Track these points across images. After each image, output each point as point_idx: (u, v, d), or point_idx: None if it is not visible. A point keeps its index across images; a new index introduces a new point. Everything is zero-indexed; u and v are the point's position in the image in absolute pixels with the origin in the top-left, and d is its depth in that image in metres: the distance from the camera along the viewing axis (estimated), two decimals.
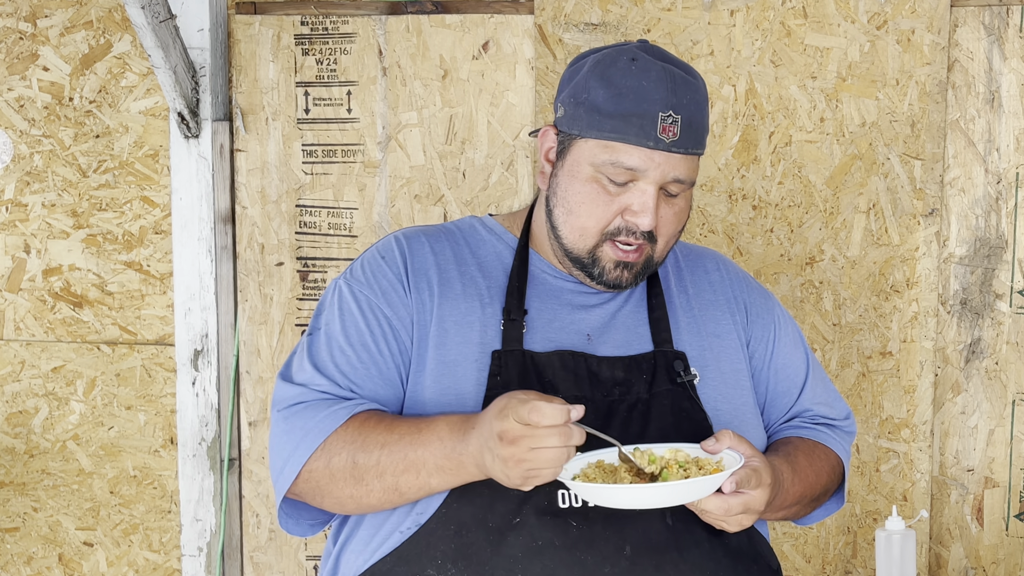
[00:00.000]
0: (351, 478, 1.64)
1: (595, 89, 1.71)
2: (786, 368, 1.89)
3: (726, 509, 1.57)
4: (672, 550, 1.65)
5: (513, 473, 1.51)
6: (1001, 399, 2.66)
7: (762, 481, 1.59)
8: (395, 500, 1.65)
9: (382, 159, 2.78)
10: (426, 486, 1.62)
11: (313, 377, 1.71)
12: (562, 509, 1.64)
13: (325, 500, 1.69)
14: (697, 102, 1.72)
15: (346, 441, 1.65)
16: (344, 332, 1.73)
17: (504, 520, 1.63)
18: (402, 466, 1.61)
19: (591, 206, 1.70)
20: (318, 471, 1.66)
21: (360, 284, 1.76)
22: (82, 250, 2.88)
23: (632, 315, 1.80)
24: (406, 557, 1.66)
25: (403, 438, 1.62)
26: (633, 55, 1.72)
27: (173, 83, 2.67)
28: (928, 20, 2.59)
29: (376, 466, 1.63)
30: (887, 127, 2.61)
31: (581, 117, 1.71)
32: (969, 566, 2.71)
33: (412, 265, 1.77)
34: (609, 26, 2.66)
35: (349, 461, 1.64)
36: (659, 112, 1.67)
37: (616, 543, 1.63)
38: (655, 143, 1.67)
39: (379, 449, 1.63)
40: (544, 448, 1.49)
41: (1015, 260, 2.63)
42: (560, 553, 1.62)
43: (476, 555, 1.63)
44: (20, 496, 2.95)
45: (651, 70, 1.70)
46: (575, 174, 1.72)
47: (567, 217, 1.73)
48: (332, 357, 1.72)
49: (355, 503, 1.67)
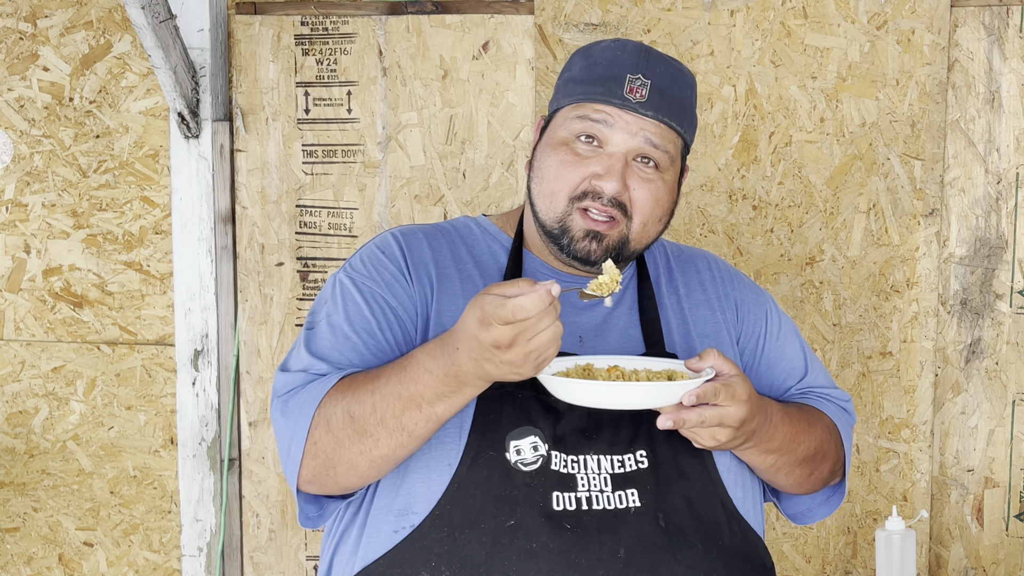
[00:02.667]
0: (354, 433, 1.60)
1: (575, 64, 1.76)
2: (780, 362, 1.88)
3: (700, 419, 1.57)
4: (666, 552, 1.65)
5: (524, 369, 1.49)
6: (1001, 399, 2.66)
7: (735, 396, 1.58)
8: (406, 442, 1.60)
9: (382, 159, 2.78)
10: (432, 417, 1.58)
11: (313, 363, 1.68)
12: (556, 512, 1.64)
13: (338, 471, 1.64)
14: (673, 78, 1.72)
15: (337, 399, 1.62)
16: (348, 320, 1.71)
17: (498, 523, 1.63)
18: (399, 406, 1.58)
19: (560, 169, 1.70)
20: (321, 439, 1.62)
21: (362, 276, 1.75)
22: (82, 250, 2.88)
23: (625, 318, 1.80)
24: (399, 559, 1.65)
25: (391, 379, 1.59)
26: (617, 39, 1.77)
27: (173, 83, 2.67)
28: (928, 20, 2.59)
29: (374, 413, 1.59)
30: (887, 127, 2.61)
31: (559, 90, 1.76)
32: (969, 566, 2.71)
33: (411, 259, 1.76)
34: (609, 26, 2.67)
35: (345, 416, 1.60)
36: (628, 73, 1.69)
37: (610, 546, 1.63)
38: (622, 101, 1.68)
39: (370, 396, 1.59)
40: (540, 334, 1.47)
41: (1015, 260, 2.63)
42: (554, 556, 1.62)
43: (470, 558, 1.62)
44: (20, 496, 2.95)
45: (627, 45, 1.74)
46: (549, 141, 1.74)
47: (540, 186, 1.73)
48: (335, 344, 1.70)
49: (367, 459, 1.62)
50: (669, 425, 1.57)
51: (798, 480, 1.81)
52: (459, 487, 1.64)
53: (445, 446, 1.66)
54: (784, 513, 1.93)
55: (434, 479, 1.66)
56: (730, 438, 1.61)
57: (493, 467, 1.64)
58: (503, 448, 1.65)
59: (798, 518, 1.93)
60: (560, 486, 1.64)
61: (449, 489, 1.65)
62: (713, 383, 1.57)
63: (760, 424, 1.65)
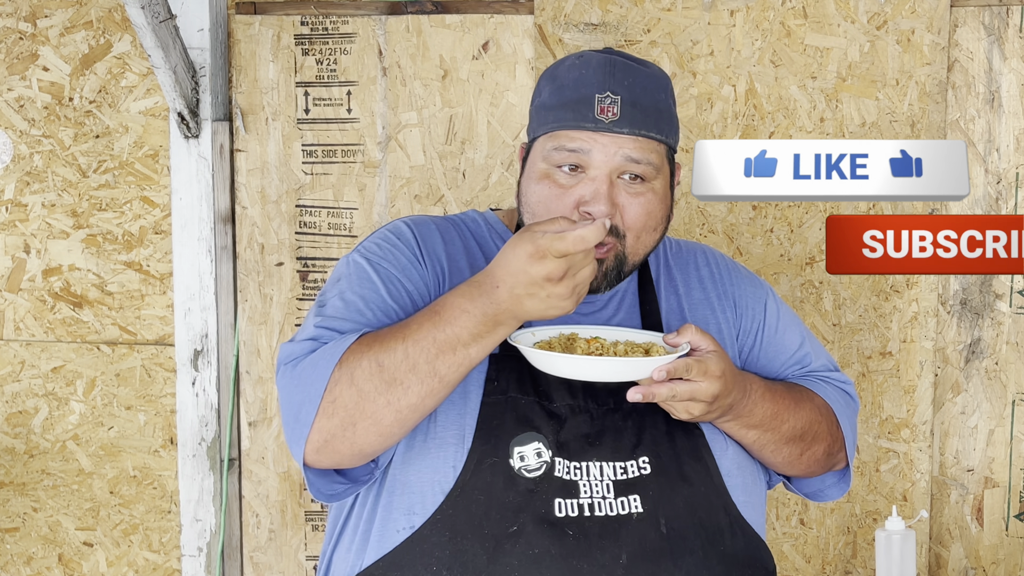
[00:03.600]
0: (382, 383, 1.56)
1: (543, 89, 1.74)
2: (780, 353, 1.88)
3: (671, 394, 1.58)
4: (667, 559, 1.65)
5: (567, 304, 1.51)
6: (1001, 399, 2.66)
7: (708, 372, 1.59)
8: (436, 388, 1.58)
9: (382, 159, 2.78)
10: (466, 359, 1.57)
11: (323, 333, 1.64)
12: (559, 518, 1.63)
13: (358, 426, 1.58)
14: (643, 85, 1.70)
15: (363, 350, 1.57)
16: (363, 296, 1.67)
17: (500, 528, 1.62)
18: (434, 350, 1.55)
19: (547, 202, 1.69)
20: (342, 394, 1.57)
21: (378, 257, 1.72)
22: (82, 250, 2.88)
23: (626, 320, 1.80)
24: (399, 562, 1.65)
25: (423, 325, 1.57)
26: (580, 54, 1.74)
27: (173, 83, 2.67)
28: (928, 20, 2.59)
29: (405, 360, 1.56)
30: (887, 127, 2.61)
31: (533, 119, 1.74)
32: (969, 566, 2.71)
33: (424, 246, 1.75)
34: (609, 26, 2.66)
35: (374, 365, 1.56)
36: (596, 94, 1.67)
37: (612, 552, 1.63)
38: (594, 124, 1.66)
39: (402, 343, 1.56)
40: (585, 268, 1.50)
41: None
42: (556, 562, 1.61)
43: (472, 562, 1.62)
44: (20, 496, 2.95)
45: (592, 60, 1.71)
46: (531, 175, 1.72)
47: (531, 220, 1.71)
48: (348, 316, 1.65)
49: (393, 410, 1.57)
50: (639, 398, 1.59)
51: (788, 459, 1.80)
52: (462, 492, 1.63)
53: (448, 449, 1.65)
54: (797, 492, 1.92)
55: (437, 481, 1.66)
56: (703, 412, 1.62)
57: (496, 473, 1.64)
58: (507, 454, 1.64)
59: (813, 496, 1.92)
60: (563, 493, 1.64)
61: (452, 493, 1.64)
62: (685, 359, 1.59)
63: (737, 399, 1.66)
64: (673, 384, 1.58)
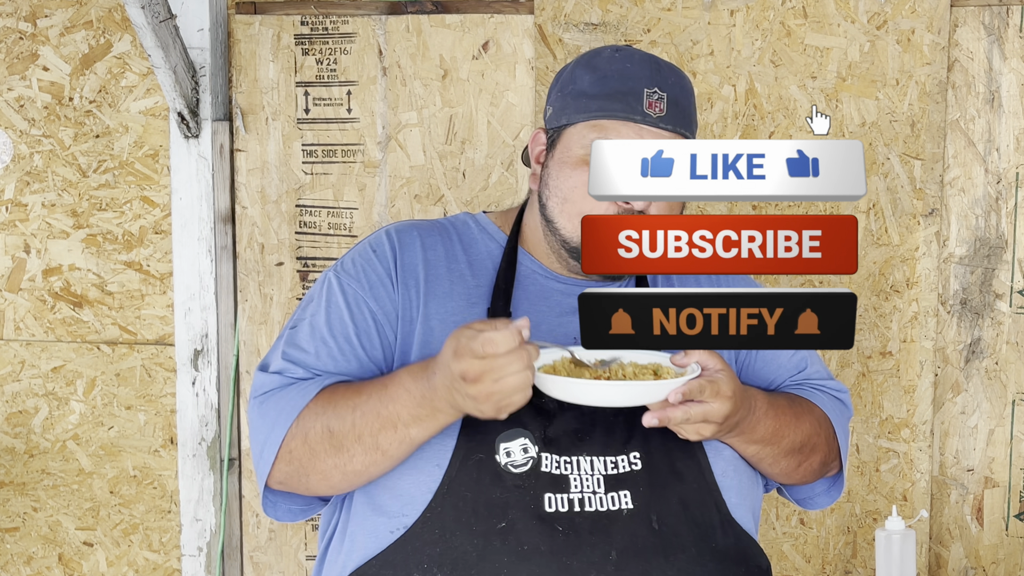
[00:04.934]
0: (330, 447, 1.63)
1: (580, 77, 1.74)
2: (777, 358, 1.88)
3: (686, 416, 1.57)
4: (659, 555, 1.65)
5: (486, 408, 1.52)
6: (1001, 399, 2.66)
7: (720, 392, 1.59)
8: (379, 460, 1.63)
9: (382, 159, 2.78)
10: (407, 439, 1.61)
11: (288, 366, 1.70)
12: (548, 513, 1.63)
13: (311, 478, 1.67)
14: (682, 87, 1.74)
15: (318, 412, 1.64)
16: (328, 324, 1.73)
17: (490, 525, 1.63)
18: (377, 424, 1.60)
19: (584, 189, 1.69)
20: (297, 448, 1.65)
21: (349, 277, 1.76)
22: (82, 250, 2.88)
23: None
24: (391, 561, 1.65)
25: (371, 397, 1.62)
26: (617, 47, 1.76)
27: (173, 83, 2.67)
28: (928, 20, 2.59)
29: (352, 430, 1.61)
30: (887, 127, 2.61)
31: (568, 105, 1.74)
32: (969, 566, 2.71)
33: (402, 260, 1.77)
34: (609, 26, 2.67)
35: (324, 430, 1.63)
36: (644, 88, 1.69)
37: (602, 548, 1.63)
38: (643, 117, 1.68)
39: (351, 412, 1.62)
40: (507, 376, 1.49)
41: (1015, 260, 2.63)
42: (546, 558, 1.62)
43: (462, 560, 1.62)
44: (20, 496, 2.95)
45: (634, 55, 1.74)
46: (565, 160, 1.73)
47: (563, 206, 1.72)
48: (314, 347, 1.71)
49: (340, 472, 1.65)
50: (655, 423, 1.58)
51: (784, 470, 1.81)
52: (449, 489, 1.64)
53: (434, 448, 1.66)
54: (789, 498, 1.93)
55: (424, 480, 1.66)
56: (713, 432, 1.62)
57: (483, 469, 1.64)
58: (492, 450, 1.65)
59: (803, 503, 1.93)
60: (552, 487, 1.64)
61: (440, 491, 1.65)
62: (699, 380, 1.58)
63: (743, 416, 1.66)
64: (687, 407, 1.57)
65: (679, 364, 1.63)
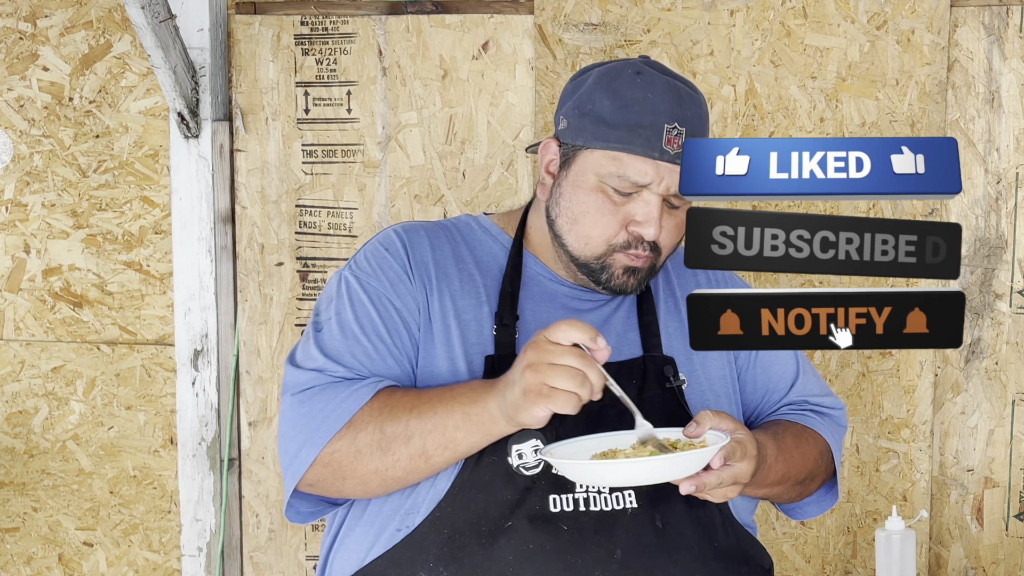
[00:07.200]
0: (378, 450, 1.62)
1: (600, 100, 1.73)
2: (773, 365, 1.89)
3: (719, 481, 1.57)
4: (662, 554, 1.65)
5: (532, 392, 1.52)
6: (1001, 399, 2.66)
7: (747, 453, 1.60)
8: (421, 467, 1.63)
9: (382, 159, 2.78)
10: (452, 442, 1.61)
11: (327, 364, 1.69)
12: (554, 513, 1.64)
13: (346, 482, 1.66)
14: (700, 117, 1.75)
15: (373, 415, 1.64)
16: (358, 322, 1.72)
17: (496, 524, 1.63)
18: (430, 425, 1.61)
19: (596, 215, 1.72)
20: (342, 451, 1.64)
21: (368, 275, 1.76)
22: (82, 250, 2.88)
23: (623, 320, 1.81)
24: (398, 560, 1.66)
25: (432, 398, 1.63)
26: (638, 69, 1.75)
27: (173, 83, 2.67)
28: (928, 20, 2.59)
29: (404, 431, 1.62)
30: (887, 127, 2.61)
31: (586, 128, 1.73)
32: (969, 566, 2.71)
33: (414, 257, 1.77)
34: (609, 26, 2.67)
35: (377, 432, 1.62)
36: (665, 123, 1.69)
37: (607, 547, 1.63)
38: (660, 154, 1.69)
39: (407, 414, 1.62)
40: (561, 365, 1.51)
41: (1015, 260, 2.63)
42: (551, 557, 1.62)
43: (468, 558, 1.63)
44: (20, 496, 2.95)
45: (656, 83, 1.73)
46: (579, 184, 1.73)
47: (572, 227, 1.74)
48: (348, 347, 1.71)
49: (379, 478, 1.64)
50: (692, 490, 1.57)
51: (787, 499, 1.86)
52: (460, 490, 1.64)
53: None
54: (779, 509, 1.95)
55: (436, 480, 1.67)
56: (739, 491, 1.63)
57: (495, 471, 1.65)
58: (505, 452, 1.65)
59: (792, 513, 1.95)
60: (558, 488, 1.65)
61: (450, 492, 1.65)
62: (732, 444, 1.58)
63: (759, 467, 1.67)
64: (720, 471, 1.58)
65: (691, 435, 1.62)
